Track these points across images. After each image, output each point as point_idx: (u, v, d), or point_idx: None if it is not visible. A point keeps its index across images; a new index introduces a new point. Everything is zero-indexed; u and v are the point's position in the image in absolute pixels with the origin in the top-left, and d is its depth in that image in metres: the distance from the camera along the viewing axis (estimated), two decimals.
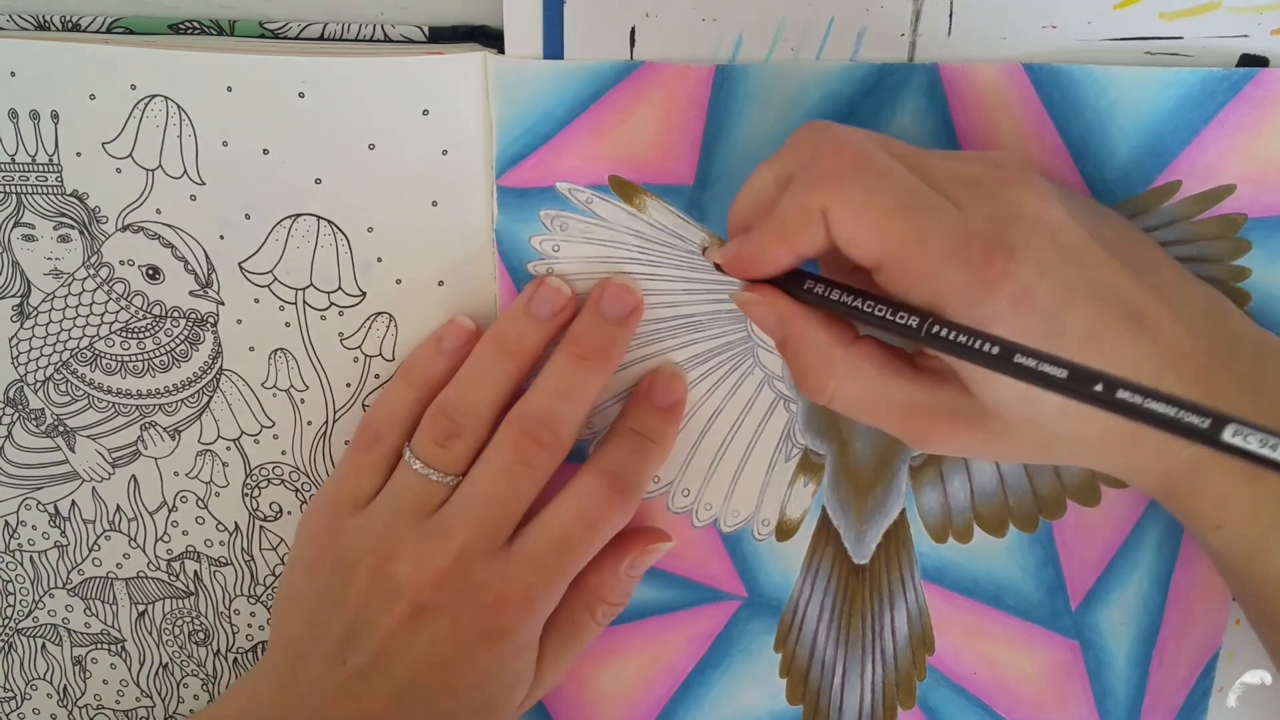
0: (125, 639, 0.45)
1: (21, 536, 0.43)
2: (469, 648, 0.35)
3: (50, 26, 0.37)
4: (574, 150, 0.35)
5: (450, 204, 0.37)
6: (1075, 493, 0.39)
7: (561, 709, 0.43)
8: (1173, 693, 0.41)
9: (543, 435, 0.35)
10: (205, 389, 0.40)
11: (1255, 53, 0.34)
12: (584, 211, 0.36)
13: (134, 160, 0.37)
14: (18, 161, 0.38)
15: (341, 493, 0.37)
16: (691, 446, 0.39)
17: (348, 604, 0.35)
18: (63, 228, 0.39)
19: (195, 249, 0.38)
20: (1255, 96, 0.34)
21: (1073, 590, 0.40)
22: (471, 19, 0.36)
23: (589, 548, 0.36)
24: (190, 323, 0.39)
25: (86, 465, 0.42)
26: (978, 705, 0.42)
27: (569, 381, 0.36)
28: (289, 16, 0.37)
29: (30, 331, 0.40)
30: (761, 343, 0.38)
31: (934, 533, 0.40)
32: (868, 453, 0.39)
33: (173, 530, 0.43)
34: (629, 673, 0.42)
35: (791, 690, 0.42)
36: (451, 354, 0.37)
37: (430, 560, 0.35)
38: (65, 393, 0.41)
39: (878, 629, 0.42)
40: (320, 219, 0.37)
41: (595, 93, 0.35)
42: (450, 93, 0.35)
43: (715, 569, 0.41)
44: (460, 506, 0.35)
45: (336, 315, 0.38)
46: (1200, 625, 0.40)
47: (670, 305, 0.38)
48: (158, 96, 0.36)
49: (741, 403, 0.39)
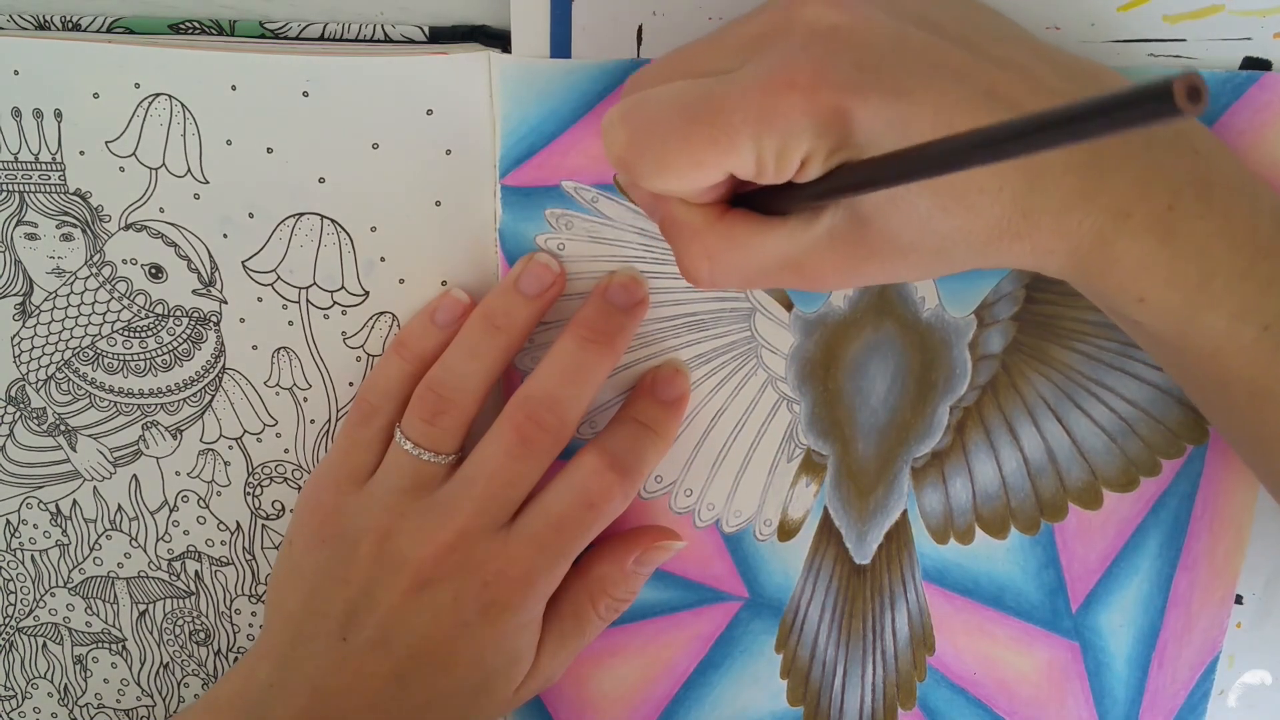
0: (126, 638, 0.44)
1: (23, 535, 0.43)
2: (469, 623, 0.35)
3: (51, 26, 0.37)
4: (580, 149, 0.35)
5: (454, 204, 0.37)
6: (1077, 496, 0.39)
7: (562, 709, 0.43)
8: (1171, 695, 0.41)
9: (546, 418, 0.35)
10: (208, 388, 0.40)
11: (1258, 56, 0.34)
12: (589, 210, 0.36)
13: (137, 159, 0.37)
14: (20, 160, 0.38)
15: (340, 469, 0.37)
16: (694, 447, 0.39)
17: (350, 580, 0.36)
18: (65, 226, 0.39)
19: (198, 248, 0.38)
20: (1258, 100, 0.34)
21: (1073, 592, 0.40)
22: (472, 19, 0.36)
23: (588, 528, 0.36)
24: (193, 321, 0.39)
25: (88, 464, 0.42)
26: (977, 705, 0.42)
27: (574, 364, 0.36)
28: (289, 16, 0.37)
29: (32, 330, 0.40)
30: (765, 343, 0.38)
31: (935, 534, 0.40)
32: (870, 453, 0.39)
33: (174, 530, 0.42)
34: (630, 673, 0.42)
35: (792, 691, 0.42)
36: (445, 328, 0.37)
37: (433, 535, 0.35)
38: (67, 392, 0.41)
39: (878, 629, 0.42)
40: (324, 218, 0.37)
41: (601, 91, 0.35)
42: (454, 92, 0.35)
43: (717, 569, 0.41)
44: (462, 485, 0.35)
45: (339, 314, 0.38)
46: (1201, 629, 0.40)
47: (674, 304, 0.38)
48: (161, 95, 0.36)
49: (744, 403, 0.39)
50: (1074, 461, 0.39)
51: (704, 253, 0.31)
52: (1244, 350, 0.29)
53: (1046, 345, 0.38)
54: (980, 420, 0.39)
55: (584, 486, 0.36)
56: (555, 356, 0.36)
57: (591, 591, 0.38)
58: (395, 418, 0.37)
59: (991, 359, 0.38)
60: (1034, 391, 0.38)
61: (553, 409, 0.35)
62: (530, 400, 0.35)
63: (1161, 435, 0.38)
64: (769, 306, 0.38)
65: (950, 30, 0.28)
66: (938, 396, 0.39)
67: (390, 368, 0.37)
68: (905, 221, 0.28)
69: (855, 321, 0.38)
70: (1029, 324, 0.38)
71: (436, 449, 0.36)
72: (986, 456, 0.39)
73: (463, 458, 0.37)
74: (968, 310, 0.38)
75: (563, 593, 0.38)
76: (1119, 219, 0.28)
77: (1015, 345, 0.38)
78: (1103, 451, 0.39)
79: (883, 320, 0.38)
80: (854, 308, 0.38)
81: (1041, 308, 0.37)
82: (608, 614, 0.39)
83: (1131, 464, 0.39)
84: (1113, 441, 0.38)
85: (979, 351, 0.38)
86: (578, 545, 0.36)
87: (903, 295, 0.38)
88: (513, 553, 0.35)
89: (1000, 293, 0.37)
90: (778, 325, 0.38)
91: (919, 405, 0.39)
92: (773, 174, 0.28)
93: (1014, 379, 0.38)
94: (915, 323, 0.38)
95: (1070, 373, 0.38)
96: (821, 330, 0.38)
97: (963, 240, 0.28)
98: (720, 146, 0.27)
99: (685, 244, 0.31)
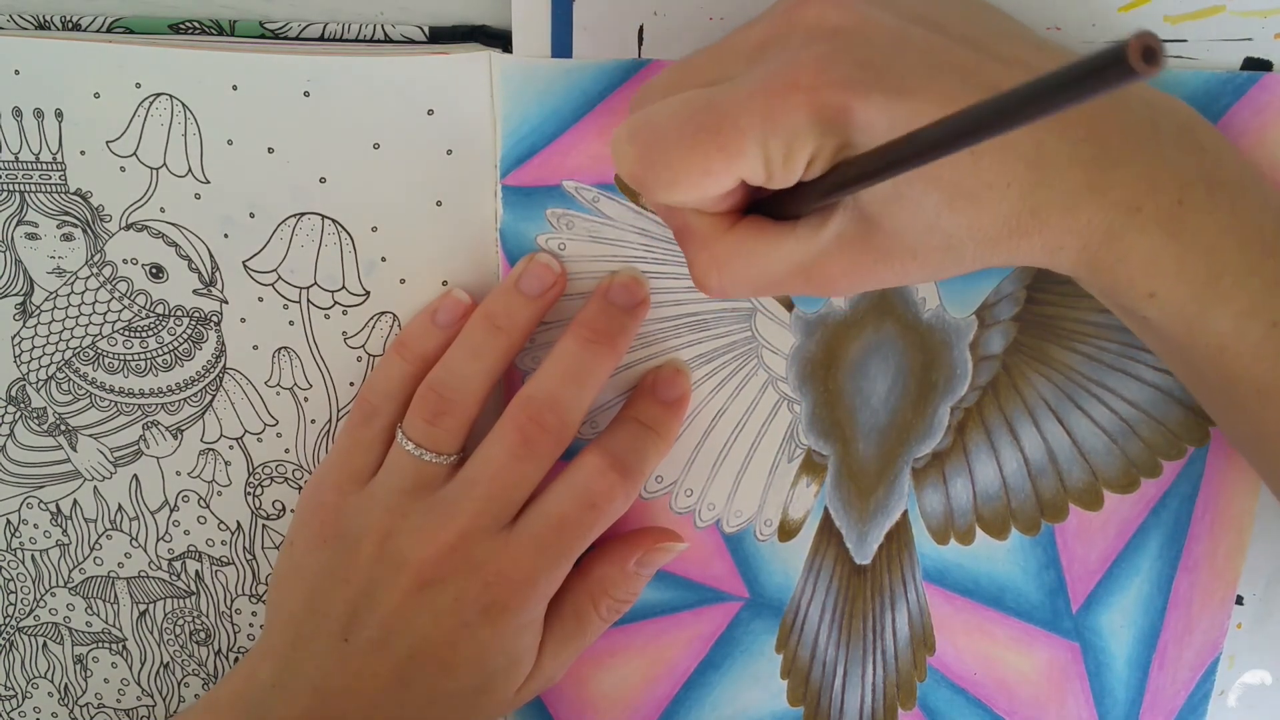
0: (126, 638, 0.44)
1: (23, 535, 0.43)
2: (470, 624, 0.35)
3: (51, 26, 0.37)
4: (581, 149, 0.35)
5: (455, 204, 0.37)
6: (1078, 497, 0.39)
7: (562, 709, 0.43)
8: (1172, 695, 0.41)
9: (548, 419, 0.35)
10: (208, 388, 0.40)
11: (1259, 56, 0.34)
12: (590, 210, 0.36)
13: (138, 159, 0.37)
14: (21, 160, 0.38)
15: (341, 469, 0.37)
16: (695, 447, 0.39)
17: (351, 580, 0.36)
18: (66, 226, 0.39)
19: (199, 248, 0.38)
20: (1260, 100, 0.34)
21: (1074, 593, 0.40)
22: (472, 19, 0.36)
23: (589, 528, 0.36)
24: (193, 321, 0.39)
25: (88, 464, 0.42)
26: (977, 705, 0.42)
27: (576, 365, 0.36)
28: (289, 16, 0.37)
29: (33, 330, 0.40)
30: (766, 343, 0.38)
31: (936, 534, 0.40)
32: (871, 454, 0.39)
33: (174, 530, 0.42)
34: (630, 673, 0.42)
35: (793, 692, 0.42)
36: (446, 328, 0.37)
37: (434, 536, 0.35)
38: (67, 391, 0.41)
39: (879, 629, 0.42)
40: (324, 218, 0.37)
41: (602, 91, 0.35)
42: (455, 92, 0.35)
43: (717, 569, 0.41)
44: (464, 486, 0.35)
45: (340, 314, 0.38)
46: (1201, 630, 0.40)
47: (675, 304, 0.38)
48: (162, 95, 0.36)
49: (745, 403, 0.39)
50: (1074, 462, 0.39)
51: (713, 263, 0.31)
52: (1251, 348, 0.29)
53: (1047, 346, 0.38)
54: (981, 421, 0.39)
55: (586, 487, 0.36)
56: (557, 357, 0.36)
57: (593, 592, 0.38)
58: (396, 418, 0.37)
59: (992, 359, 0.38)
60: (1035, 392, 0.38)
61: (555, 409, 0.35)
62: (532, 401, 0.35)
63: (1162, 436, 0.38)
64: (770, 306, 0.38)
65: (954, 29, 0.28)
66: (938, 397, 0.39)
67: (391, 368, 0.37)
68: (912, 220, 0.28)
69: (856, 322, 0.38)
70: (1030, 325, 0.38)
71: (438, 449, 0.36)
72: (987, 457, 0.39)
73: (464, 458, 0.37)
74: (968, 311, 0.38)
75: (564, 593, 0.38)
76: (1129, 213, 0.28)
77: (1016, 346, 0.38)
78: (1103, 452, 0.39)
79: (883, 321, 0.38)
80: (855, 308, 0.38)
81: (1042, 308, 0.37)
82: (609, 615, 0.39)
83: (1132, 465, 0.39)
84: (1113, 442, 0.38)
85: (980, 352, 0.38)
86: (579, 546, 0.36)
87: (903, 296, 0.38)
88: (514, 553, 0.35)
89: (1001, 293, 0.37)
90: (778, 325, 0.38)
91: (920, 406, 0.39)
92: (781, 177, 0.28)
93: (1015, 380, 0.38)
94: (916, 323, 0.38)
95: (1071, 373, 0.38)
96: (822, 330, 0.38)
97: (972, 238, 0.28)
98: (727, 153, 0.27)
99: (695, 253, 0.31)
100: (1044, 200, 0.28)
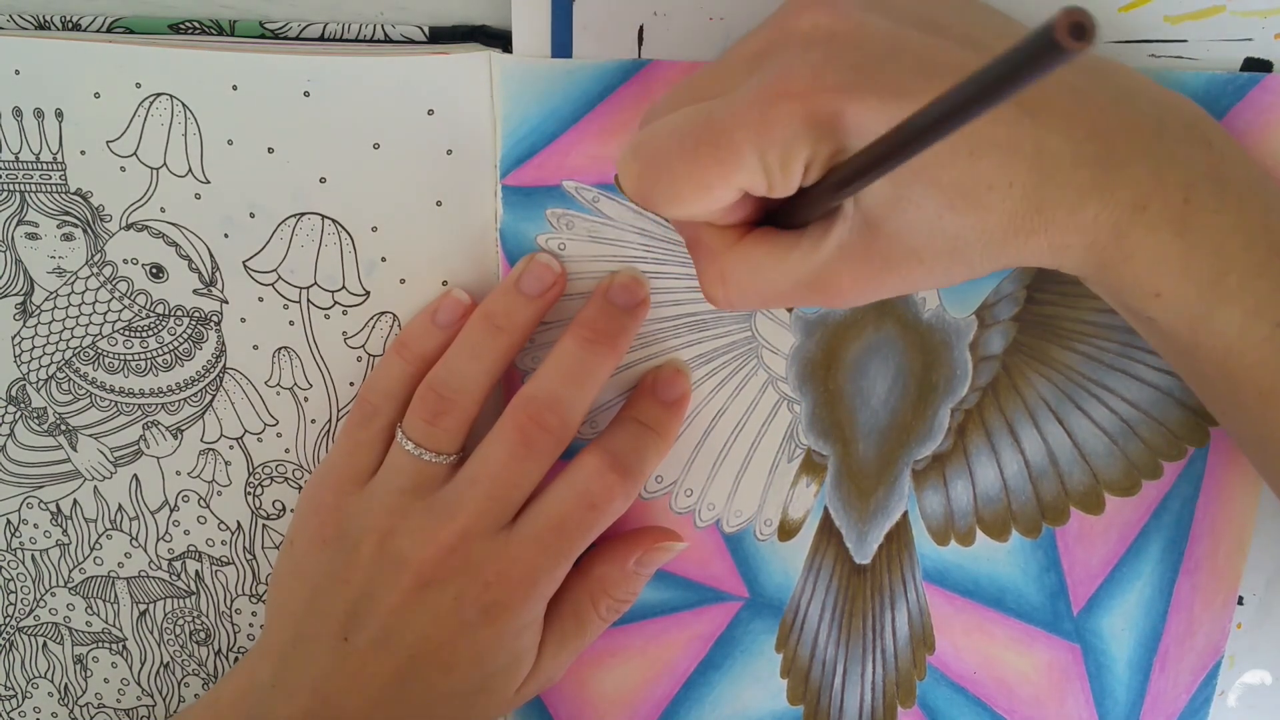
0: (126, 638, 0.45)
1: (23, 535, 0.43)
2: (470, 624, 0.35)
3: (51, 26, 0.37)
4: (581, 149, 0.35)
5: (455, 204, 0.37)
6: (1079, 499, 0.39)
7: (562, 709, 0.43)
8: (1173, 698, 0.41)
9: (548, 419, 0.35)
10: (208, 388, 0.40)
11: (1259, 56, 0.34)
12: (590, 210, 0.36)
13: (138, 158, 0.37)
14: (21, 160, 0.38)
15: (341, 469, 0.37)
16: (694, 447, 0.39)
17: (352, 581, 0.36)
18: (66, 226, 0.39)
19: (199, 247, 0.38)
20: (1260, 101, 0.34)
21: (1075, 596, 0.40)
22: (471, 19, 0.36)
23: (589, 528, 0.36)
24: (194, 321, 0.39)
25: (88, 464, 0.42)
26: (977, 704, 0.42)
27: (576, 364, 0.36)
28: (289, 16, 0.37)
29: (33, 330, 0.40)
30: (766, 343, 0.38)
31: (936, 535, 0.40)
32: (871, 454, 0.39)
33: (174, 529, 0.42)
34: (630, 673, 0.42)
35: (793, 691, 0.42)
36: (446, 328, 0.37)
37: (434, 536, 0.35)
38: (68, 391, 0.41)
39: (878, 628, 0.42)
40: (325, 218, 0.37)
41: (602, 91, 0.35)
42: (455, 92, 0.35)
43: (717, 569, 0.41)
44: (464, 486, 0.35)
45: (340, 314, 0.38)
46: (1203, 633, 0.40)
47: (675, 304, 0.38)
48: (163, 95, 0.36)
49: (745, 403, 0.39)
50: (1075, 464, 0.39)
51: (720, 276, 0.31)
52: (1256, 348, 0.29)
53: (1047, 346, 0.38)
54: (981, 422, 0.39)
55: (585, 487, 0.36)
56: (557, 357, 0.36)
57: (593, 592, 0.38)
58: (396, 418, 0.37)
59: (992, 360, 0.38)
60: (1035, 393, 0.38)
61: (555, 409, 0.35)
62: (532, 401, 0.35)
63: (1163, 437, 0.38)
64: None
65: (954, 30, 0.28)
66: (939, 398, 0.39)
67: (391, 368, 0.37)
68: (915, 223, 0.28)
69: (856, 322, 0.38)
70: (1030, 325, 0.38)
71: (438, 449, 0.36)
72: (988, 459, 0.39)
73: (464, 458, 0.37)
74: (968, 311, 0.38)
75: (564, 593, 0.38)
76: (1135, 211, 0.28)
77: (1016, 346, 0.38)
78: (1104, 454, 0.39)
79: (883, 321, 0.38)
80: (854, 308, 0.38)
81: (1042, 308, 0.37)
82: (609, 615, 0.39)
83: (1133, 466, 0.39)
84: (1114, 443, 0.38)
85: (980, 352, 0.38)
86: (579, 546, 0.36)
87: (903, 296, 0.38)
88: (514, 553, 0.35)
89: (1001, 293, 0.37)
90: (778, 325, 0.38)
91: (920, 407, 0.39)
92: (782, 185, 0.28)
93: (1015, 380, 0.38)
94: (916, 323, 0.38)
95: (1071, 374, 0.38)
96: (822, 331, 0.38)
97: (977, 239, 0.28)
98: (726, 165, 0.28)
99: (703, 267, 0.32)
100: (1049, 199, 0.28)
